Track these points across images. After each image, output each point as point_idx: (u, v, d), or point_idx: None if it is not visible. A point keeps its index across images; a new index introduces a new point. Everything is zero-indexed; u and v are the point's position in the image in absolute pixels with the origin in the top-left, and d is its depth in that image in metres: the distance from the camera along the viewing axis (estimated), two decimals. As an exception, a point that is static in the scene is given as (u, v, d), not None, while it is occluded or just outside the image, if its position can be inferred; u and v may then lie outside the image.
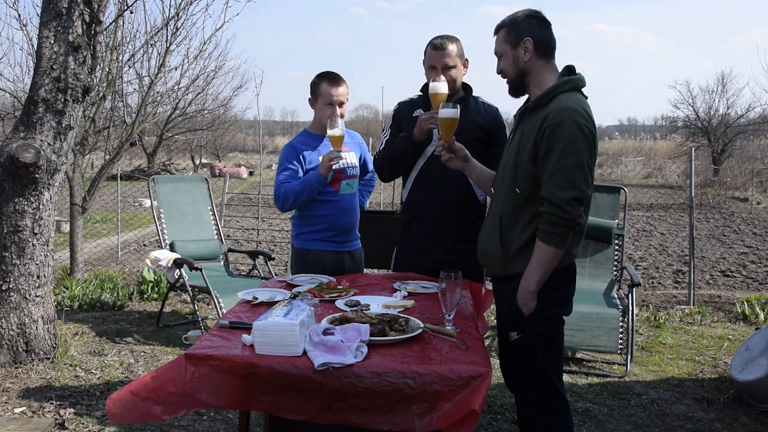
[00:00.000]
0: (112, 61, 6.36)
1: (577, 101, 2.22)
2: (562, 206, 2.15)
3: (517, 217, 2.31)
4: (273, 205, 12.03)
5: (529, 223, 2.26)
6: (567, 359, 4.51)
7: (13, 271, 3.85)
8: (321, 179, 3.07)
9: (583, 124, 2.17)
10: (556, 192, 2.15)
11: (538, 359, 2.31)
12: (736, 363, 3.92)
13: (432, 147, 2.96)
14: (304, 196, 3.13)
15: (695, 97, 24.09)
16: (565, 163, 2.15)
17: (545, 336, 2.32)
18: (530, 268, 2.24)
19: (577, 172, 2.15)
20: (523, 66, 2.34)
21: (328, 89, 3.18)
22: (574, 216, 2.16)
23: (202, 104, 17.31)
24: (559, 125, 2.16)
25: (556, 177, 2.16)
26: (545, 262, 2.21)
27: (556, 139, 2.16)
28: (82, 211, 6.39)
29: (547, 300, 2.27)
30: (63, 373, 3.92)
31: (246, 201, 14.52)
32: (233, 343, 2.00)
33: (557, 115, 2.18)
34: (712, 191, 17.08)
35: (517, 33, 2.33)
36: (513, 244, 2.31)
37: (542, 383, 2.33)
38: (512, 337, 2.35)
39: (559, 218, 2.16)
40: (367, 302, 2.46)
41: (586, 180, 2.17)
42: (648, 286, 7.28)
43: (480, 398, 1.78)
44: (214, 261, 5.59)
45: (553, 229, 2.17)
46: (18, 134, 3.80)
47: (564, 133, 2.16)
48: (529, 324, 2.29)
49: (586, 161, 2.17)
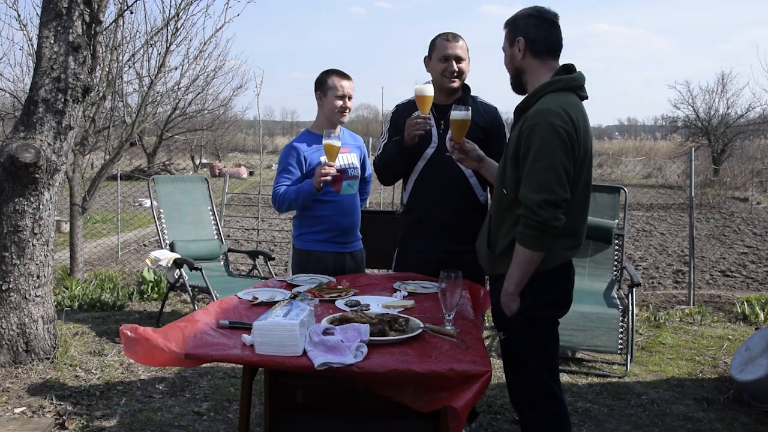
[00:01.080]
0: (112, 61, 6.36)
1: (558, 102, 2.19)
2: (534, 209, 2.13)
3: (504, 218, 2.32)
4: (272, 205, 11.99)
5: (514, 225, 2.26)
6: (567, 359, 4.51)
7: (13, 271, 3.85)
8: (314, 191, 3.06)
9: (558, 125, 2.13)
10: (529, 195, 2.15)
11: (527, 360, 2.31)
12: (736, 363, 3.92)
13: (431, 150, 2.96)
14: (297, 204, 3.16)
15: (695, 97, 24.09)
16: (536, 166, 2.14)
17: (533, 337, 2.31)
18: (510, 270, 2.25)
19: (549, 174, 2.13)
20: (518, 65, 2.35)
21: (338, 81, 3.20)
22: (548, 219, 2.13)
23: (202, 104, 17.32)
24: (534, 127, 2.16)
25: (529, 180, 2.16)
26: (522, 265, 2.21)
27: (531, 142, 2.16)
28: (82, 211, 6.39)
29: (532, 302, 2.27)
30: (63, 373, 3.92)
31: (246, 201, 14.52)
32: (233, 343, 2.00)
33: (534, 117, 2.18)
34: (712, 191, 17.08)
35: (513, 32, 2.35)
36: (499, 244, 2.33)
37: (534, 383, 2.32)
38: (500, 337, 2.39)
39: (532, 221, 2.15)
40: (367, 302, 2.47)
41: (560, 182, 2.13)
42: (648, 286, 7.28)
43: (470, 396, 1.80)
44: (214, 261, 5.59)
45: (528, 231, 2.17)
46: (18, 134, 3.80)
47: (538, 135, 2.14)
48: (513, 325, 2.30)
49: (561, 163, 2.13)
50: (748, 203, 16.32)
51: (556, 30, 2.33)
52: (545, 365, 2.33)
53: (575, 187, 2.22)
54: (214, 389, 3.80)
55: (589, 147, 2.26)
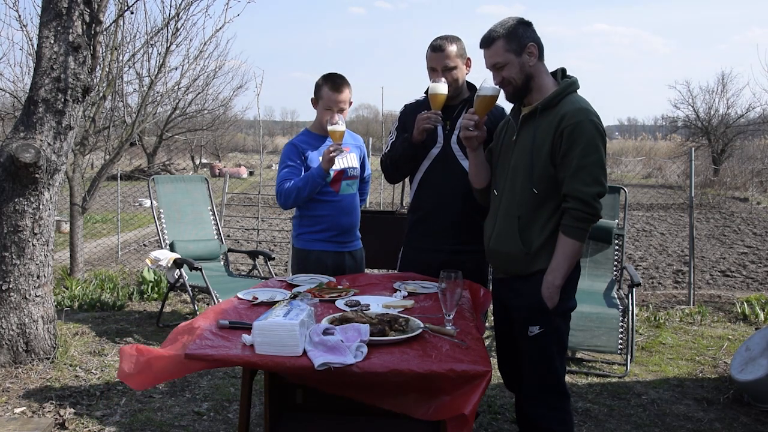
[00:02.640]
0: (112, 61, 6.36)
1: (587, 102, 2.35)
2: (589, 201, 2.26)
3: (536, 217, 2.38)
4: (273, 205, 12.03)
5: (548, 221, 2.36)
6: (567, 359, 4.51)
7: (13, 271, 3.85)
8: (323, 173, 3.06)
9: (598, 123, 2.29)
10: (582, 188, 2.26)
11: (552, 354, 2.38)
12: (736, 363, 3.92)
13: (436, 149, 2.96)
14: (306, 192, 3.12)
15: (695, 97, 24.12)
16: (587, 161, 2.26)
17: (562, 330, 2.41)
18: (555, 263, 2.32)
19: (599, 168, 2.27)
20: (529, 71, 2.40)
21: (329, 94, 3.16)
22: (599, 210, 2.28)
23: (202, 104, 17.32)
24: (578, 125, 2.27)
25: (580, 174, 2.27)
26: (570, 256, 2.31)
27: (575, 139, 2.27)
28: (82, 211, 6.39)
29: (565, 294, 2.36)
30: (63, 373, 3.92)
31: (246, 201, 14.52)
32: (233, 343, 2.00)
33: (575, 116, 2.28)
34: (712, 191, 17.08)
35: (519, 41, 2.37)
36: (534, 242, 2.38)
37: (552, 378, 2.40)
38: (532, 332, 2.38)
39: (586, 213, 2.27)
40: (367, 302, 2.47)
41: (605, 176, 2.31)
42: (648, 286, 7.28)
43: (475, 400, 1.79)
44: (214, 261, 5.59)
45: (579, 224, 2.28)
46: (18, 134, 3.80)
47: (583, 132, 2.27)
48: (551, 318, 2.36)
49: (604, 158, 2.30)
50: (748, 203, 16.33)
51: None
52: (562, 360, 2.43)
53: None
54: (214, 389, 3.80)
55: None
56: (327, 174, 3.07)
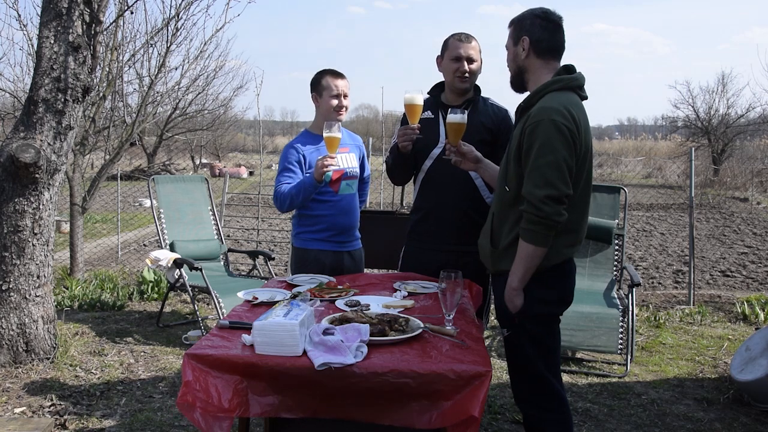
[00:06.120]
0: (112, 61, 6.36)
1: (560, 101, 2.23)
2: (537, 204, 2.17)
3: (506, 215, 2.35)
4: (273, 205, 12.06)
5: (516, 222, 2.29)
6: (567, 359, 4.51)
7: (13, 271, 3.85)
8: (315, 184, 3.07)
9: (560, 122, 2.17)
10: (532, 190, 2.19)
11: (530, 357, 2.33)
12: (736, 363, 3.92)
13: (438, 149, 2.97)
14: (299, 199, 3.14)
15: (695, 97, 24.09)
16: (540, 162, 2.17)
17: (535, 334, 2.34)
18: (513, 266, 2.28)
19: (552, 170, 2.16)
20: (521, 64, 2.39)
21: (332, 81, 3.22)
22: (550, 214, 2.16)
23: (202, 104, 17.30)
24: (537, 124, 2.20)
25: (532, 175, 2.20)
26: (526, 260, 2.24)
27: (533, 138, 2.20)
28: (82, 211, 6.39)
29: (535, 298, 2.29)
30: (63, 373, 3.92)
31: (246, 201, 14.51)
32: (233, 343, 2.00)
33: (537, 115, 2.22)
34: (712, 191, 17.08)
35: (519, 31, 2.38)
36: (502, 241, 2.36)
37: (537, 381, 2.35)
38: (504, 334, 2.41)
39: (536, 216, 2.18)
40: (367, 302, 2.47)
41: (562, 178, 2.17)
42: (648, 286, 7.28)
43: (480, 401, 1.79)
44: (214, 261, 5.59)
45: (531, 227, 2.20)
46: (18, 134, 3.80)
47: (541, 132, 2.18)
48: (518, 321, 2.33)
49: (564, 159, 2.17)
50: (748, 203, 16.32)
51: (560, 32, 2.39)
52: (547, 363, 2.35)
53: (576, 184, 2.25)
54: (214, 389, 3.79)
55: (589, 145, 2.31)
56: (319, 184, 3.07)
